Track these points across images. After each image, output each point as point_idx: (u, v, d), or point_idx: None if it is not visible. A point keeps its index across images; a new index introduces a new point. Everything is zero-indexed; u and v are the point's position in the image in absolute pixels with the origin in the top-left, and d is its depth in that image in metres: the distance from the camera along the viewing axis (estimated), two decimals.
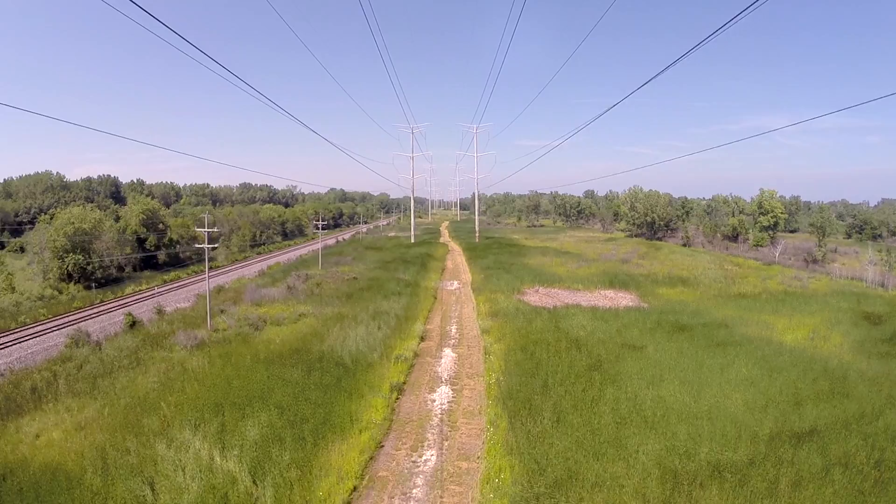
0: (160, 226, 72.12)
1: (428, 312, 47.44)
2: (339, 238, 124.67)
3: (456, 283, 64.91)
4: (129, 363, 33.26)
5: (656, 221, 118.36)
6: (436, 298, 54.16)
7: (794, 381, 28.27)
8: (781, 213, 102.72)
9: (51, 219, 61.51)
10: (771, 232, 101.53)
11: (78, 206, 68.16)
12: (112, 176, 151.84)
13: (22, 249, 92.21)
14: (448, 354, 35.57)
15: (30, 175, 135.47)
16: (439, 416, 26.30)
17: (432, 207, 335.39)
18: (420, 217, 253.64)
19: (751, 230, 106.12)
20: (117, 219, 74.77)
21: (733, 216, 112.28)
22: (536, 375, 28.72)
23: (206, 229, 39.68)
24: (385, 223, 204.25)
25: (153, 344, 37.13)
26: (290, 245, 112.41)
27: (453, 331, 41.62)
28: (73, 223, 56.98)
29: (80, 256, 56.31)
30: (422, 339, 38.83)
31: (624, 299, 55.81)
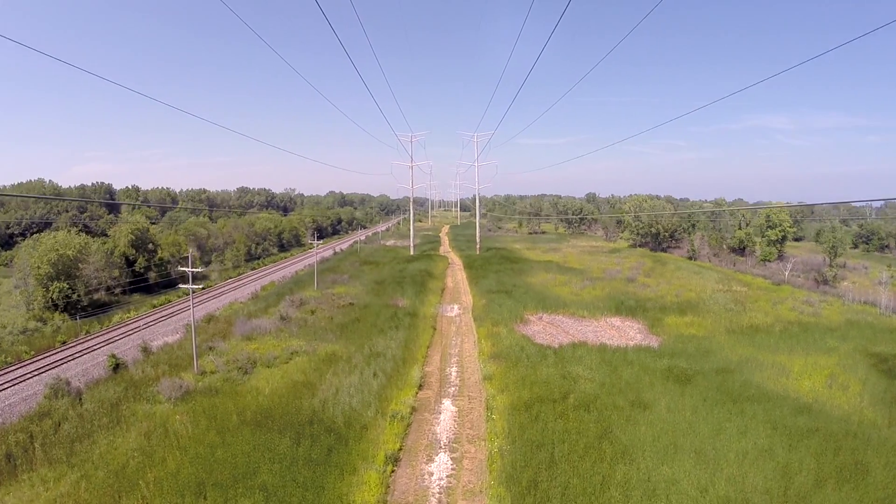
0: (150, 246, 69.66)
1: (426, 349, 45.40)
2: (337, 248, 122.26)
3: (456, 307, 62.82)
4: (110, 421, 31.23)
5: (661, 233, 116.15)
6: (435, 329, 52.10)
7: (815, 452, 26.51)
8: (789, 226, 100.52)
9: (35, 243, 59.28)
10: (778, 246, 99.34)
11: (63, 230, 65.58)
12: (106, 183, 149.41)
13: (12, 262, 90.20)
14: (448, 409, 33.54)
15: (22, 183, 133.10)
16: (437, 496, 24.32)
17: (432, 208, 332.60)
18: (420, 221, 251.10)
19: (758, 243, 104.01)
20: (105, 234, 72.34)
21: (740, 228, 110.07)
22: (542, 446, 26.71)
23: (190, 269, 37.57)
24: (385, 228, 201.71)
25: (136, 394, 35.15)
26: (286, 257, 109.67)
27: (453, 375, 39.57)
28: (58, 249, 54.66)
29: (64, 284, 54.08)
30: (420, 387, 36.81)
31: (631, 329, 53.85)
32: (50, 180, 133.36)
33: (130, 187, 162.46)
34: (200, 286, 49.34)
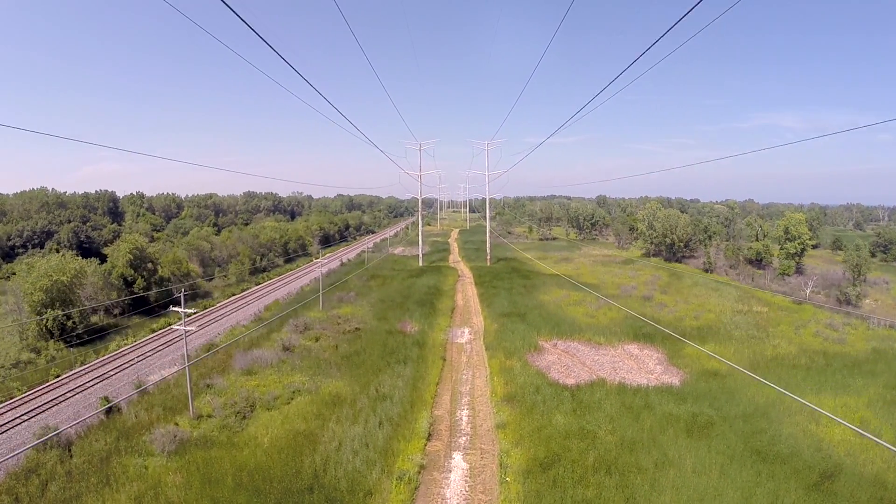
0: (149, 265, 67.34)
1: (436, 386, 43.16)
2: (344, 258, 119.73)
3: (467, 331, 60.48)
4: (98, 481, 29.19)
5: (675, 243, 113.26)
6: (444, 360, 49.82)
7: None
8: (809, 239, 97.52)
9: (29, 268, 57.31)
10: (797, 258, 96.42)
11: (57, 254, 63.23)
12: (109, 191, 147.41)
13: (13, 274, 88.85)
14: (458, 465, 31.30)
15: (24, 192, 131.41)
16: None
17: (441, 209, 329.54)
18: (428, 224, 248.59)
19: (776, 254, 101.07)
20: (108, 244, 70.42)
21: (757, 240, 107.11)
22: None
23: (182, 309, 35.44)
24: (393, 233, 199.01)
25: (128, 445, 33.06)
26: (291, 269, 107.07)
27: (464, 420, 37.32)
28: (51, 275, 52.50)
29: (59, 311, 52.08)
30: (429, 436, 34.55)
31: (650, 359, 51.50)
32: (52, 188, 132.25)
33: (135, 194, 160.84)
34: (193, 330, 47.38)
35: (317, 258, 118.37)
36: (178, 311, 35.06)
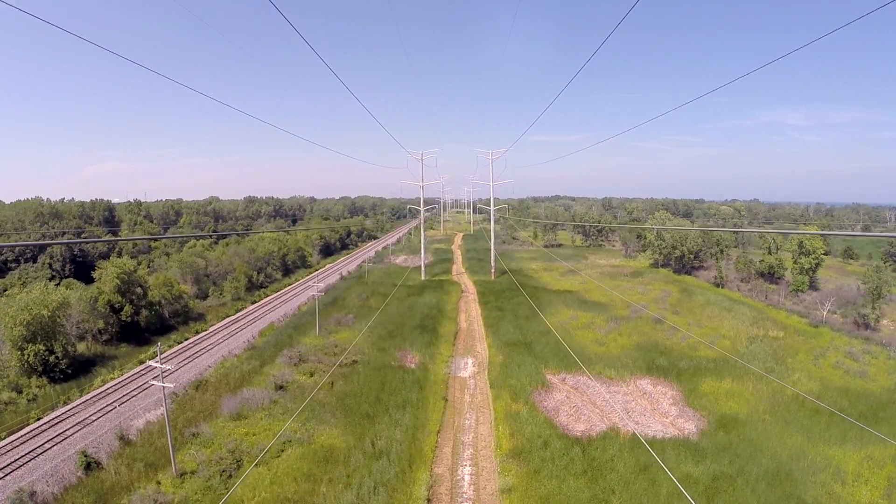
0: (138, 289, 64.49)
1: (436, 436, 40.53)
2: (344, 271, 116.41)
3: (470, 362, 57.75)
4: None
5: (685, 255, 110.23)
6: (447, 401, 47.19)
7: None
8: (824, 253, 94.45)
9: (9, 301, 54.67)
10: (811, 274, 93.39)
11: (39, 285, 60.50)
12: (105, 199, 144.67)
13: (5, 289, 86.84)
14: None
15: (20, 201, 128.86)
16: None
17: (444, 210, 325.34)
18: (432, 228, 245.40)
19: (789, 268, 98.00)
20: (104, 257, 67.71)
21: (769, 253, 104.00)
22: None
23: (159, 363, 32.82)
24: (395, 239, 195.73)
25: None
26: (290, 284, 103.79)
27: (466, 481, 34.67)
28: (31, 309, 49.77)
29: (41, 346, 49.45)
30: (427, 502, 31.85)
31: (664, 397, 48.85)
32: (48, 199, 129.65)
33: (132, 201, 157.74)
34: (170, 385, 44.85)
35: (319, 264, 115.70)
36: (155, 365, 32.43)
